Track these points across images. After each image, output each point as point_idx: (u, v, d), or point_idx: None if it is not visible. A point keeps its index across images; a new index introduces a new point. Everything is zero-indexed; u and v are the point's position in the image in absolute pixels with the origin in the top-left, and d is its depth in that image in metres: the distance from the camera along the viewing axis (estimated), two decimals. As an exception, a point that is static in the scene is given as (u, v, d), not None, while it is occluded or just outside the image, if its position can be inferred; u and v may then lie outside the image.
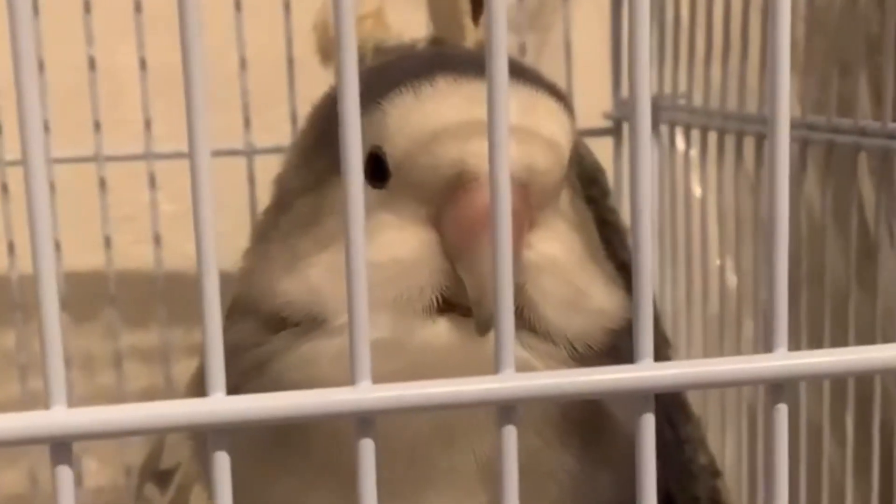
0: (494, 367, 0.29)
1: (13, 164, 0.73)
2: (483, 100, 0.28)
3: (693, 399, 0.62)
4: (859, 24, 0.58)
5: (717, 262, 0.70)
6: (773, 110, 0.29)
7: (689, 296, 0.70)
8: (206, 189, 0.27)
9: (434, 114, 0.39)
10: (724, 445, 0.67)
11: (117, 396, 0.79)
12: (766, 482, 0.31)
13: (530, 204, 0.38)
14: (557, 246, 0.40)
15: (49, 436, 0.27)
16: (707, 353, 0.69)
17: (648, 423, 0.29)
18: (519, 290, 0.38)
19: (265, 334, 0.41)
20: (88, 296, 0.80)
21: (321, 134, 0.43)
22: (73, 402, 0.27)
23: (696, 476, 0.52)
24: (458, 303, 0.38)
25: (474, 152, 0.37)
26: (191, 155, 0.27)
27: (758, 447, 0.62)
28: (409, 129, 0.39)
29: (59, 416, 0.27)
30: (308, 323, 0.39)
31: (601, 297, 0.41)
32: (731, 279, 0.70)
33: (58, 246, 0.74)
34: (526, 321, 0.39)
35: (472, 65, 0.39)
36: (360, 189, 0.28)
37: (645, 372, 0.29)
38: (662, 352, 0.54)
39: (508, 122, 0.28)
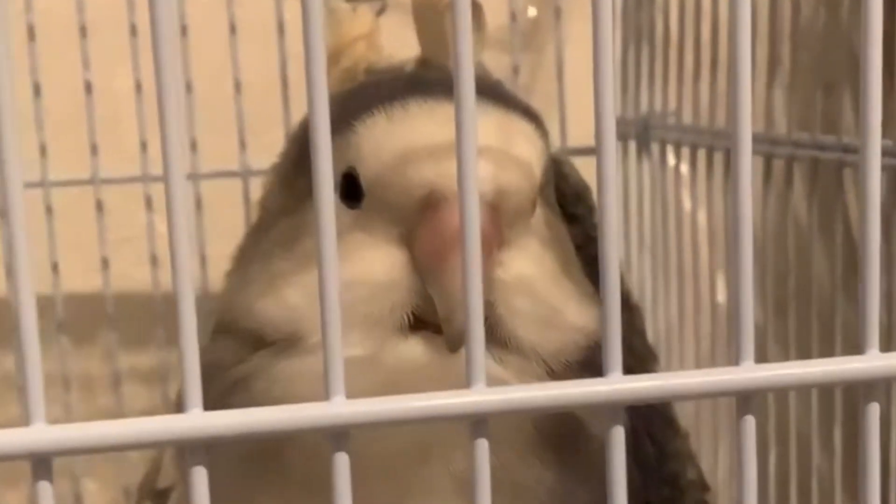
0: (466, 382, 0.29)
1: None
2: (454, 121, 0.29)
3: (686, 414, 0.62)
4: (843, 42, 0.58)
5: (708, 277, 0.71)
6: (735, 117, 0.30)
7: (680, 311, 0.71)
8: (181, 205, 0.28)
9: (405, 135, 0.39)
10: (716, 461, 0.67)
11: (117, 417, 0.79)
12: (738, 493, 0.31)
13: (500, 224, 0.39)
14: (529, 264, 0.41)
15: (29, 451, 0.27)
16: (699, 368, 0.70)
17: (618, 435, 0.30)
18: (490, 308, 0.38)
19: (244, 353, 0.41)
20: (87, 317, 0.81)
21: (300, 156, 0.44)
22: (71, 422, 0.28)
23: (683, 490, 0.52)
24: (430, 321, 0.39)
25: (444, 173, 0.38)
26: (165, 177, 0.28)
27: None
28: (381, 151, 0.40)
29: (39, 432, 0.27)
30: (285, 342, 0.40)
31: (574, 313, 0.42)
32: (722, 294, 0.70)
33: (56, 268, 0.75)
34: (498, 338, 0.39)
35: (445, 87, 0.39)
36: (332, 209, 0.28)
37: (613, 385, 0.30)
38: (649, 365, 0.54)
39: (479, 143, 0.29)
